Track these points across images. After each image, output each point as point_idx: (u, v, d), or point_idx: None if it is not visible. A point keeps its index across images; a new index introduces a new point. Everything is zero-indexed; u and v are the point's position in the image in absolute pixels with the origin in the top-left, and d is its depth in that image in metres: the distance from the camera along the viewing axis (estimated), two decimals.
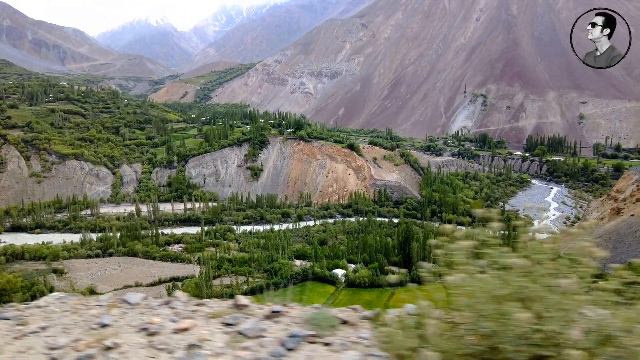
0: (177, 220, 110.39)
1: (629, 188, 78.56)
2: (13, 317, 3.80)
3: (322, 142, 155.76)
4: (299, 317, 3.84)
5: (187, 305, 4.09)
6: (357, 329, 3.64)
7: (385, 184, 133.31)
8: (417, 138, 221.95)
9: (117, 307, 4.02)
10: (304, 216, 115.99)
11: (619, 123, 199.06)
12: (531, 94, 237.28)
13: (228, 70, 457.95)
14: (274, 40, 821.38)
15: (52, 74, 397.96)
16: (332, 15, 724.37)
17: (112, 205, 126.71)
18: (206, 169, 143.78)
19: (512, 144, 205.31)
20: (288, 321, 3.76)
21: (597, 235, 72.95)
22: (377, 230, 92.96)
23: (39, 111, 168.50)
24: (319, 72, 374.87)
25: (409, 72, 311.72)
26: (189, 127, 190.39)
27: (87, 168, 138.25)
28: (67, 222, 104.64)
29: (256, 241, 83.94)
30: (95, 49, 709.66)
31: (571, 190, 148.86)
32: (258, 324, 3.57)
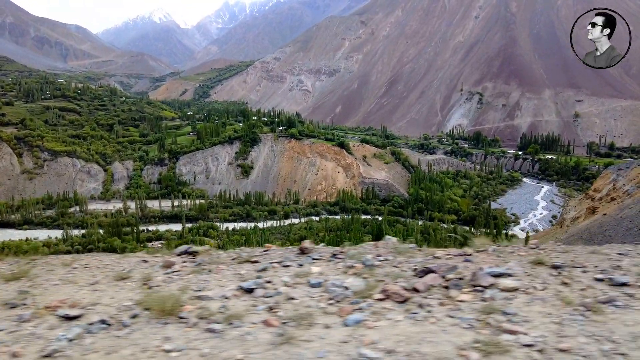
0: (164, 217, 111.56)
1: (605, 187, 78.69)
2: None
3: (313, 140, 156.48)
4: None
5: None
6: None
7: (373, 182, 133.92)
8: (412, 136, 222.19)
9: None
10: (290, 214, 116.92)
11: (614, 122, 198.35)
12: (527, 92, 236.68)
13: (228, 68, 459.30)
14: (276, 38, 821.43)
15: (53, 71, 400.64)
16: (335, 12, 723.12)
17: (102, 202, 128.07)
18: (197, 166, 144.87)
19: (507, 142, 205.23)
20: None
21: (570, 234, 73.36)
22: (358, 227, 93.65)
23: (34, 108, 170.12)
24: (318, 70, 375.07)
25: (407, 70, 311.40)
26: (183, 124, 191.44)
27: (79, 165, 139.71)
28: (55, 219, 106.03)
29: (237, 238, 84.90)
30: (97, 46, 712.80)
31: (561, 189, 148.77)
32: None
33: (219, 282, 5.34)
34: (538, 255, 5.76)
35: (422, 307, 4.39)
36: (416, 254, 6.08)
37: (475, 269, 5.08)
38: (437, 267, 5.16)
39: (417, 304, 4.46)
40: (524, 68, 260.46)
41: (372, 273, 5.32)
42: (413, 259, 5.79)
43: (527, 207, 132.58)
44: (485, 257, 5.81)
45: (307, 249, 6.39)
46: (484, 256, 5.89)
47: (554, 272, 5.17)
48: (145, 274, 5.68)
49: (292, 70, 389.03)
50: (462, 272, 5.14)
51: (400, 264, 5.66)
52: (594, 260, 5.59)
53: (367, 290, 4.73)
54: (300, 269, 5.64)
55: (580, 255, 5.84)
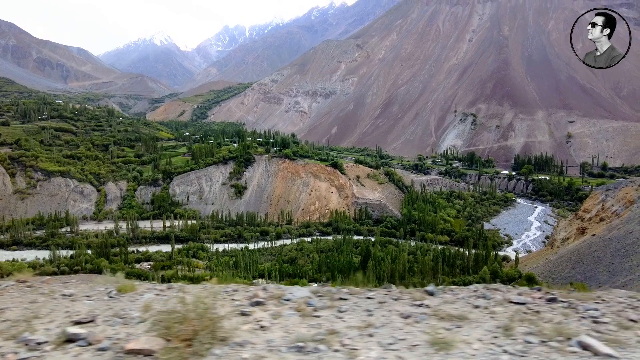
0: (155, 238, 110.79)
1: (595, 207, 78.95)
2: None
3: (307, 160, 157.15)
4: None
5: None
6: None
7: (366, 203, 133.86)
8: (407, 157, 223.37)
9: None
10: (282, 234, 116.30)
11: (605, 142, 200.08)
12: (520, 113, 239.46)
13: (226, 90, 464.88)
14: (274, 60, 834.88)
15: (53, 92, 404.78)
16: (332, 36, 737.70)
17: (94, 222, 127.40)
18: (190, 186, 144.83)
19: (501, 162, 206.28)
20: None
21: (559, 255, 73.04)
22: (350, 248, 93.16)
23: (30, 129, 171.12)
24: (314, 92, 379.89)
25: (402, 92, 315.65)
26: (179, 145, 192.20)
27: (72, 185, 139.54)
28: (45, 239, 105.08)
29: (226, 259, 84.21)
30: (98, 68, 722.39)
31: (555, 209, 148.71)
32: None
33: None
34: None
35: None
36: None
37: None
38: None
39: None
40: (517, 90, 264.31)
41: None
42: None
43: (520, 227, 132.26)
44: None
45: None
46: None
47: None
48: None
49: (289, 92, 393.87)
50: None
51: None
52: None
53: None
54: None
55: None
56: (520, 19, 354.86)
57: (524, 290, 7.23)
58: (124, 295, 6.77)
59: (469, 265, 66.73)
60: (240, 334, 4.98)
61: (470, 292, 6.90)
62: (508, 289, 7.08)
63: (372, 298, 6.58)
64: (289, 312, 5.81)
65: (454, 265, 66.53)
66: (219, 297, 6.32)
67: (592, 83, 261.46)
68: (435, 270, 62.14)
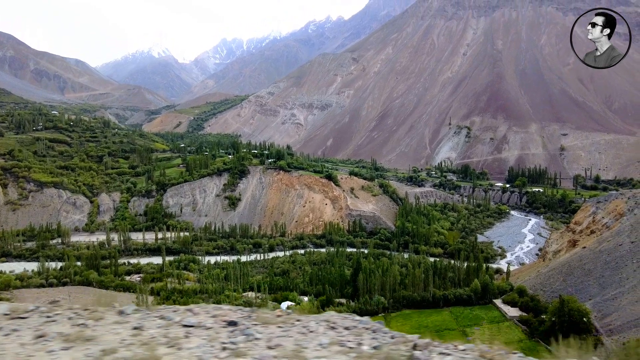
0: (147, 249, 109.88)
1: (585, 220, 79.19)
2: None
3: (302, 172, 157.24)
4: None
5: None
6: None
7: (360, 215, 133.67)
8: (401, 169, 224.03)
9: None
10: (275, 246, 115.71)
11: (598, 155, 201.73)
12: (514, 126, 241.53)
13: (223, 102, 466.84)
14: (272, 73, 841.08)
15: (49, 103, 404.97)
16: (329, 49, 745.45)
17: (86, 233, 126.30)
18: (184, 198, 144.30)
19: (495, 175, 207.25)
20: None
21: (551, 268, 73.00)
22: (343, 261, 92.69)
23: (24, 139, 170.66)
24: (310, 104, 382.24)
25: (397, 104, 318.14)
26: (174, 156, 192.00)
27: (65, 196, 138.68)
28: (35, 251, 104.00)
29: (218, 272, 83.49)
30: (95, 79, 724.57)
31: (548, 222, 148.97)
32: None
33: None
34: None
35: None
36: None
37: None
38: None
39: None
40: (511, 103, 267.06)
41: None
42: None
43: (514, 240, 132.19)
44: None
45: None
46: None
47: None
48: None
49: (286, 105, 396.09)
50: None
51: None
52: None
53: None
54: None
55: None
56: (514, 34, 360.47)
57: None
58: None
59: (460, 278, 66.48)
60: None
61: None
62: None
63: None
64: None
65: (445, 277, 66.29)
66: None
67: (584, 96, 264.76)
68: (426, 283, 61.86)
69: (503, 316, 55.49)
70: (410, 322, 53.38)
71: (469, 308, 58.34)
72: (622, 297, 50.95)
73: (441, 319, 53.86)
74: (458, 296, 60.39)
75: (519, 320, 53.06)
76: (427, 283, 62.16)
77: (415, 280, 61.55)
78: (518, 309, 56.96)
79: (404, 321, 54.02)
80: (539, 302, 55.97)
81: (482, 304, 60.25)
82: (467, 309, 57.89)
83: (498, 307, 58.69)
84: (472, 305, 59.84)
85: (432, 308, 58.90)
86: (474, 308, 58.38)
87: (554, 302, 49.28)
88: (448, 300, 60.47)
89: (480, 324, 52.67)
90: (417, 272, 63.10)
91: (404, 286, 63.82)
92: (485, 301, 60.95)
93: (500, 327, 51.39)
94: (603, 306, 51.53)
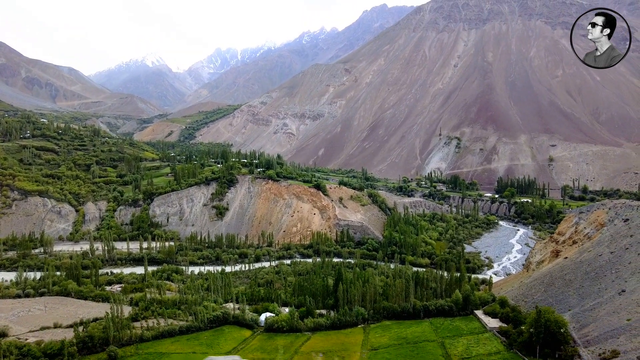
0: (131, 259, 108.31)
1: (568, 230, 79.40)
2: None
3: (291, 181, 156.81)
4: None
5: None
6: None
7: (348, 224, 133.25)
8: (392, 179, 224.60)
9: None
10: (262, 257, 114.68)
11: (586, 166, 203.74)
12: (504, 137, 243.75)
13: (215, 111, 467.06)
14: (265, 83, 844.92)
15: (40, 111, 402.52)
16: (323, 60, 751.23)
17: (70, 243, 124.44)
18: (171, 207, 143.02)
19: (484, 185, 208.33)
20: None
21: (533, 279, 72.86)
22: (328, 271, 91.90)
23: (10, 147, 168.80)
24: (302, 114, 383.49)
25: (388, 115, 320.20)
26: (163, 165, 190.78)
27: (50, 205, 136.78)
28: (15, 260, 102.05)
29: (200, 282, 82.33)
30: (88, 87, 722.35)
31: (536, 232, 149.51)
32: None
33: None
34: None
35: None
36: None
37: None
38: None
39: None
40: (501, 114, 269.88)
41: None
42: None
43: (502, 250, 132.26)
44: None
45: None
46: None
47: None
48: None
49: (278, 114, 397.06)
50: None
51: None
52: None
53: None
54: None
55: None
56: (504, 46, 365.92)
57: None
58: None
59: (442, 288, 66.07)
60: None
61: None
62: None
63: None
64: None
65: (427, 288, 65.85)
66: None
67: (572, 108, 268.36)
68: (407, 294, 61.35)
69: (483, 327, 55.07)
70: (389, 334, 52.70)
71: (450, 319, 57.85)
72: (600, 308, 50.82)
73: (420, 330, 53.25)
74: (439, 307, 59.92)
75: (498, 332, 52.67)
76: (407, 294, 61.67)
77: (396, 291, 61.03)
78: (499, 320, 56.63)
79: (382, 332, 53.35)
80: (520, 313, 55.65)
81: (464, 315, 59.83)
82: (447, 320, 57.38)
83: (479, 318, 58.30)
84: (453, 316, 59.38)
85: (412, 319, 58.35)
86: (455, 319, 57.90)
87: (531, 313, 49.00)
88: (429, 311, 59.98)
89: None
90: (397, 282, 62.60)
91: (386, 297, 63.27)
92: (467, 312, 60.54)
93: (479, 339, 50.92)
94: (582, 317, 51.33)
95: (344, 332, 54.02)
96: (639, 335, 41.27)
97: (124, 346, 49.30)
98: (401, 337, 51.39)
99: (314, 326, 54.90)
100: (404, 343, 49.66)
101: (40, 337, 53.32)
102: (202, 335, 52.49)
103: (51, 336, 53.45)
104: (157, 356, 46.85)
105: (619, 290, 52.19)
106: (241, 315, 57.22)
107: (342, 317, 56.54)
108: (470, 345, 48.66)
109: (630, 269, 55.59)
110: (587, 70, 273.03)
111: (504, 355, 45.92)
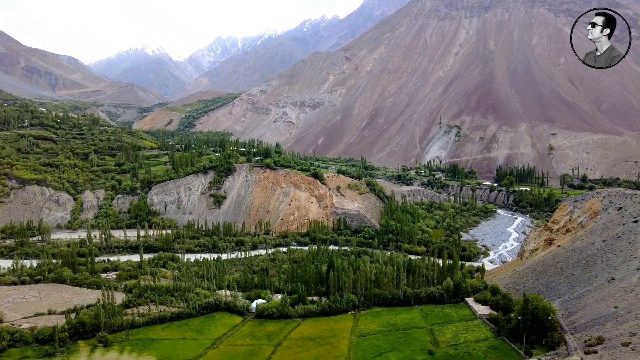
0: (128, 247, 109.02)
1: (563, 219, 79.28)
2: None
3: (289, 170, 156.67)
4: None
5: None
6: None
7: (345, 213, 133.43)
8: (391, 167, 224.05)
9: None
10: (258, 244, 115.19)
11: (586, 154, 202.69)
12: (504, 125, 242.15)
13: (215, 99, 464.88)
14: (266, 71, 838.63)
15: (39, 100, 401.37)
16: (324, 48, 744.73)
17: (68, 231, 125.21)
18: (169, 196, 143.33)
19: (483, 174, 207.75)
20: None
21: (526, 267, 73.00)
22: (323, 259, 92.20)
23: (8, 136, 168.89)
24: (302, 103, 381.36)
25: (388, 103, 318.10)
26: (162, 154, 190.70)
27: (48, 194, 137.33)
28: (13, 248, 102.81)
29: (196, 269, 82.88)
30: (88, 76, 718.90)
31: (534, 221, 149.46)
32: None
33: None
34: None
35: None
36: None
37: None
38: None
39: None
40: (501, 102, 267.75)
41: None
42: None
43: (498, 238, 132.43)
44: None
45: None
46: None
47: None
48: None
49: (278, 103, 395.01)
50: None
51: None
52: None
53: None
54: None
55: None
56: (506, 34, 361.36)
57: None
58: None
59: (434, 276, 66.29)
60: None
61: None
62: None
63: None
64: None
65: (419, 275, 66.06)
66: None
67: (574, 97, 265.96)
68: (398, 281, 61.60)
69: (473, 314, 55.35)
70: (378, 320, 53.05)
71: (440, 306, 58.15)
72: (589, 295, 50.93)
73: (410, 317, 53.56)
74: (430, 294, 60.18)
75: (487, 319, 52.93)
76: (399, 281, 61.90)
77: (388, 278, 61.28)
78: (489, 308, 56.86)
79: (372, 319, 53.71)
80: (510, 301, 55.83)
81: (454, 302, 60.09)
82: (437, 307, 57.69)
83: (469, 305, 58.56)
84: (444, 303, 59.67)
85: (403, 306, 58.66)
86: (445, 306, 58.19)
87: (519, 301, 49.16)
88: (420, 298, 60.26)
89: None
90: (388, 270, 62.81)
91: (378, 284, 63.55)
92: (458, 299, 60.80)
93: (468, 326, 51.20)
94: (570, 304, 51.48)
95: (334, 319, 54.42)
96: (624, 322, 41.38)
97: (115, 332, 49.83)
98: (390, 323, 51.72)
99: (304, 313, 55.33)
100: (392, 329, 49.99)
101: (34, 323, 53.91)
102: (193, 321, 53.02)
103: (45, 322, 54.06)
104: (148, 342, 47.34)
105: (608, 278, 52.24)
106: (232, 302, 57.62)
107: (333, 303, 56.89)
108: (459, 332, 48.96)
109: (621, 257, 55.57)
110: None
111: (492, 342, 46.19)
